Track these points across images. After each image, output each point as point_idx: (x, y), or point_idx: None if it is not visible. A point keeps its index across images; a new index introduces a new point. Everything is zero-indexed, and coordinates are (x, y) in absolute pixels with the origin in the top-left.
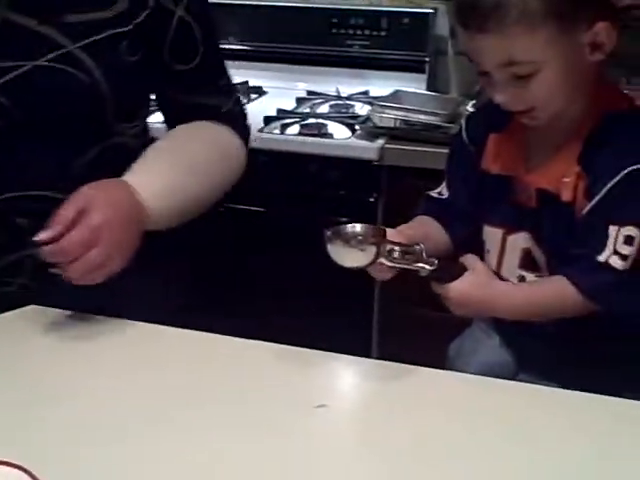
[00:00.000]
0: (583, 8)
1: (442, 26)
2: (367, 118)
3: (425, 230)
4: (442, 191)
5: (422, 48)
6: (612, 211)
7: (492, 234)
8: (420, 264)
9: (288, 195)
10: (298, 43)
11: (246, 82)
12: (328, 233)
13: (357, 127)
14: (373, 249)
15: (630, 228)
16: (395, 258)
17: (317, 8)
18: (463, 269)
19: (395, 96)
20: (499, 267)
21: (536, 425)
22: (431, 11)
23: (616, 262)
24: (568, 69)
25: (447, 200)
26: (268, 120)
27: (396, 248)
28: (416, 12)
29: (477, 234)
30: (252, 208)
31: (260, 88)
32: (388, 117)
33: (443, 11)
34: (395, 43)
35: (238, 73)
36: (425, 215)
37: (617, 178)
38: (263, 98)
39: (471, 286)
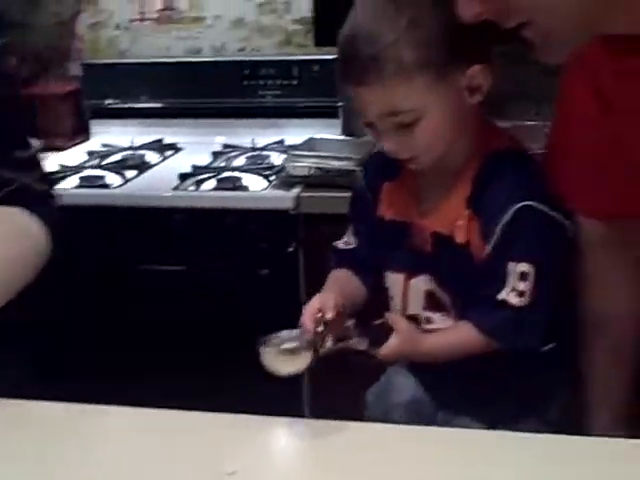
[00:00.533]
0: (456, 55)
1: None
2: (282, 168)
3: (343, 290)
4: (349, 240)
5: (334, 93)
6: (507, 249)
7: (394, 280)
8: (353, 341)
9: (207, 252)
10: (211, 97)
11: (160, 140)
12: (262, 343)
13: (272, 178)
14: (309, 353)
15: (523, 264)
16: (329, 347)
17: (228, 61)
18: (389, 329)
19: (309, 143)
20: (404, 312)
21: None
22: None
23: (513, 299)
24: (449, 114)
25: (355, 249)
26: (183, 177)
27: (329, 336)
28: (325, 59)
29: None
30: (171, 268)
31: (175, 145)
32: (302, 166)
33: None
34: (307, 90)
35: (152, 131)
36: (339, 268)
37: (507, 217)
38: (178, 155)
39: (398, 348)
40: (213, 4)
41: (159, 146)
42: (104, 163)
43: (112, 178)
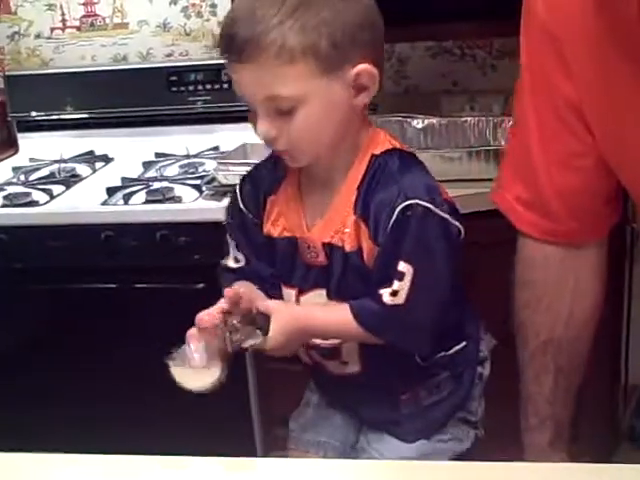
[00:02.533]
0: (344, 49)
1: None
2: (212, 178)
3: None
4: (237, 257)
5: None
6: (393, 249)
7: (287, 295)
8: (256, 339)
9: (139, 267)
10: (140, 105)
11: (91, 151)
12: (170, 358)
13: (204, 188)
14: (218, 366)
15: (402, 264)
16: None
17: (154, 68)
18: (268, 319)
19: (241, 150)
20: None
21: None
22: None
23: (386, 297)
24: (330, 109)
25: (245, 269)
26: (111, 191)
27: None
28: None
29: None
30: (102, 285)
31: (106, 156)
32: (233, 174)
33: None
34: (237, 95)
35: (82, 142)
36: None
37: (394, 218)
38: (109, 166)
39: (281, 330)
40: (136, 9)
41: (89, 158)
42: (30, 179)
43: (38, 195)
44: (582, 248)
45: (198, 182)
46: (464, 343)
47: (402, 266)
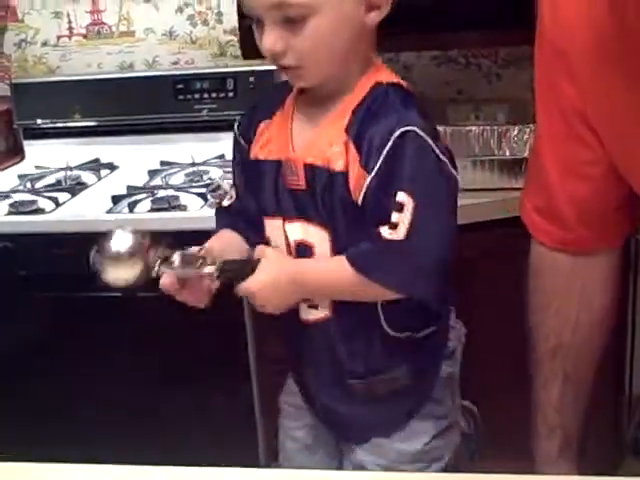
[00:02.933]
0: None
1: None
2: (217, 186)
3: (224, 240)
4: (231, 193)
5: None
6: (388, 179)
7: (272, 227)
8: (206, 268)
9: None
10: (146, 112)
11: (97, 159)
12: (93, 250)
13: (209, 196)
14: (140, 262)
15: (401, 194)
16: (175, 266)
17: (160, 76)
18: (256, 262)
19: None
20: None
21: None
22: (274, 67)
23: (385, 231)
24: (341, 22)
25: (236, 206)
26: (116, 199)
27: (175, 256)
28: (261, 70)
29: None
30: (105, 294)
31: (111, 164)
32: None
33: None
34: (243, 102)
35: (88, 150)
36: (221, 228)
37: (390, 143)
38: (115, 174)
39: (268, 273)
40: (143, 17)
41: (95, 166)
42: (36, 187)
43: (44, 203)
44: (591, 256)
45: (203, 190)
46: (433, 328)
47: (401, 196)
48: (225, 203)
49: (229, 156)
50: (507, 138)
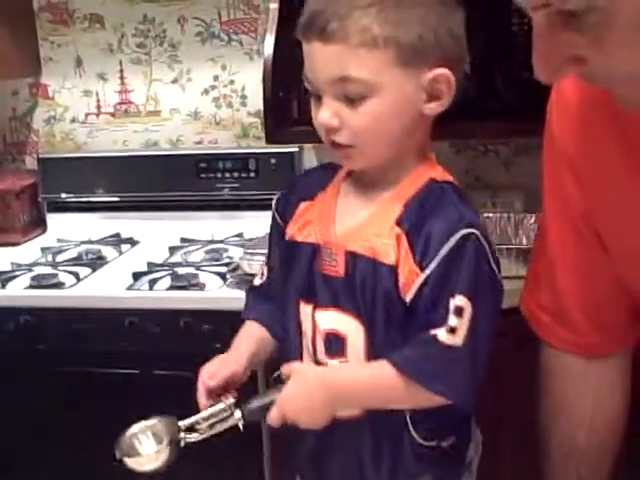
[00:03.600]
0: (429, 50)
1: (309, 162)
2: (237, 266)
3: (249, 350)
4: (263, 271)
5: None
6: (446, 282)
7: (305, 312)
8: (230, 420)
9: (162, 354)
10: (168, 190)
11: (118, 234)
12: (119, 443)
13: (228, 276)
14: (166, 449)
15: (460, 297)
16: (202, 430)
17: (184, 155)
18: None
19: (266, 239)
20: (315, 354)
21: None
22: (296, 150)
23: (444, 335)
24: (399, 106)
25: (267, 286)
26: (136, 276)
27: (200, 421)
28: (282, 152)
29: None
30: (123, 371)
31: (132, 239)
32: (257, 263)
33: (309, 148)
34: (264, 183)
35: (109, 224)
36: (249, 316)
37: (452, 242)
38: (135, 249)
39: (299, 386)
40: (169, 98)
41: (116, 240)
42: (57, 260)
43: (65, 277)
44: (604, 359)
45: (223, 270)
46: (453, 438)
47: (460, 300)
48: (256, 282)
49: (248, 234)
50: (524, 226)
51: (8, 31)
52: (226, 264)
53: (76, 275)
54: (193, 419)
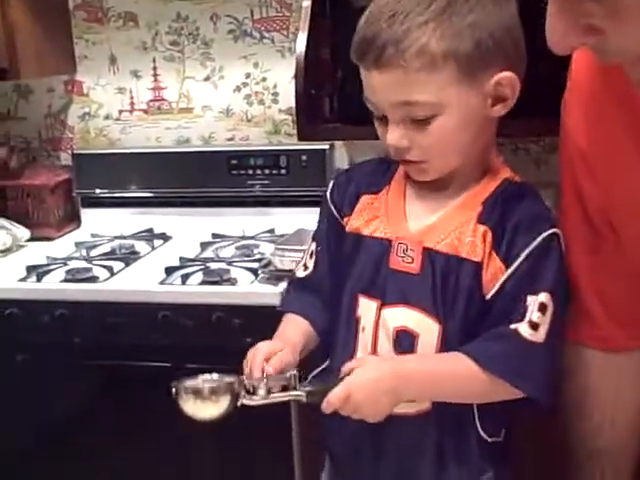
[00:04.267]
0: (489, 55)
1: (340, 159)
2: (269, 261)
3: (302, 339)
4: (307, 264)
5: (322, 183)
6: (531, 278)
7: (366, 308)
8: (293, 393)
9: (193, 347)
10: (200, 186)
11: (151, 229)
12: (176, 386)
13: (259, 271)
14: (226, 399)
15: (544, 295)
16: (261, 395)
17: (216, 151)
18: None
19: (297, 235)
20: (374, 351)
21: None
22: (327, 147)
23: (526, 330)
24: (467, 119)
25: (312, 278)
26: (169, 271)
27: (261, 385)
28: (313, 149)
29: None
30: (155, 364)
31: (164, 234)
32: (289, 259)
33: (340, 145)
34: (295, 180)
35: (142, 219)
36: (290, 309)
37: (537, 242)
38: (168, 244)
39: (366, 372)
40: (201, 95)
41: (149, 235)
42: (91, 255)
43: (99, 271)
44: (623, 354)
45: (254, 265)
46: (504, 432)
47: (545, 297)
48: (300, 274)
49: (279, 231)
50: None
51: (44, 29)
52: (257, 260)
53: (110, 269)
54: (256, 382)
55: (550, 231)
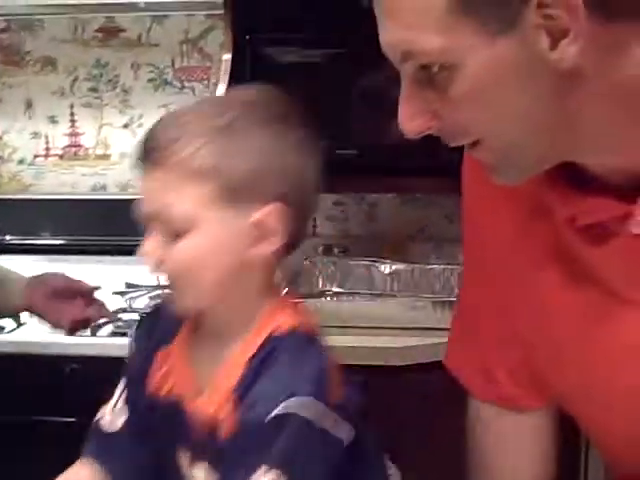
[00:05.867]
0: (256, 189)
1: None
2: None
3: None
4: (115, 418)
5: None
6: (262, 449)
7: (183, 462)
8: None
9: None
10: (116, 234)
11: None
12: None
13: None
14: None
15: (277, 472)
16: None
17: (132, 199)
18: None
19: None
20: None
21: None
22: None
23: None
24: (221, 244)
25: (119, 435)
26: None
27: None
28: None
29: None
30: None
31: None
32: None
33: None
34: None
35: (54, 268)
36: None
37: (273, 413)
38: None
39: None
40: (119, 142)
41: None
42: None
43: (6, 321)
44: (525, 413)
45: None
46: None
47: (278, 475)
48: (106, 427)
49: None
50: None
51: None
52: None
53: (17, 319)
54: None
55: (291, 399)
